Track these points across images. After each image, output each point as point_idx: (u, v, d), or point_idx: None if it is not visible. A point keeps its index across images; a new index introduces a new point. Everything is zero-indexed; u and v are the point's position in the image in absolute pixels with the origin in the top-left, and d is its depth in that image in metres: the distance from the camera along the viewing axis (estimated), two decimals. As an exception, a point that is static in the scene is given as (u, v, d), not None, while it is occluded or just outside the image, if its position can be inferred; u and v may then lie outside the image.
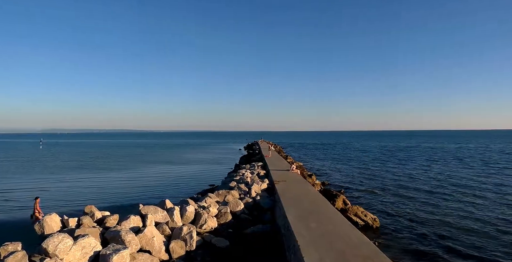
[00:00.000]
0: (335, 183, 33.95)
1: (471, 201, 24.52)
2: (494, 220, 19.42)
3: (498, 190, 28.53)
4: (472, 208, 22.44)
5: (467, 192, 27.99)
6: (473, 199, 25.02)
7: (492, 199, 25.07)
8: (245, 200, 18.10)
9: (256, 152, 62.64)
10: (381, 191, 29.15)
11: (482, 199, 25.17)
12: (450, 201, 24.60)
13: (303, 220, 12.52)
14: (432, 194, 27.41)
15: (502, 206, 22.84)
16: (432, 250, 14.80)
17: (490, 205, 23.09)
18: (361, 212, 18.53)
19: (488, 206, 22.95)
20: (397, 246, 15.33)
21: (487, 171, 41.95)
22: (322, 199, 16.90)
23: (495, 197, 25.82)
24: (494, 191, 28.10)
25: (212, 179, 36.27)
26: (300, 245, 9.78)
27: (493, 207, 22.66)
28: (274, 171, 27.41)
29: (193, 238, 12.31)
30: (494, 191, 28.10)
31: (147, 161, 60.98)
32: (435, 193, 27.58)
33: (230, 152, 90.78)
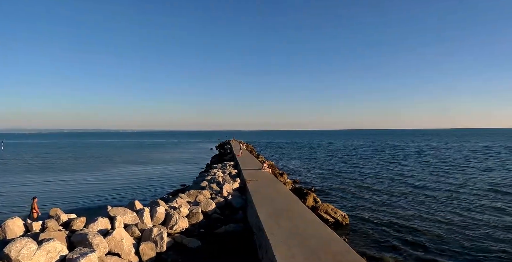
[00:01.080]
0: (306, 181, 34.40)
1: (432, 196, 25.66)
2: (452, 214, 20.38)
3: (452, 186, 29.96)
4: (433, 203, 23.43)
5: (427, 188, 29.25)
6: (433, 195, 26.17)
7: (448, 194, 26.27)
8: (216, 199, 18.03)
9: (228, 151, 62.46)
10: (350, 188, 29.84)
11: (441, 194, 26.30)
12: (412, 197, 25.71)
13: (275, 218, 12.59)
14: (397, 190, 28.43)
15: (455, 200, 24.09)
16: (399, 244, 15.31)
17: (448, 200, 24.17)
18: (331, 209, 18.85)
19: (447, 201, 23.99)
20: (366, 242, 15.74)
21: (444, 168, 43.77)
22: (293, 197, 17.05)
23: (450, 192, 27.09)
24: (448, 188, 29.40)
25: (184, 179, 35.91)
26: (272, 243, 9.82)
27: (450, 202, 23.74)
28: (245, 170, 27.42)
29: (163, 239, 12.12)
30: (448, 188, 29.40)
31: (116, 162, 59.56)
32: (399, 190, 28.63)
33: (201, 151, 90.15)
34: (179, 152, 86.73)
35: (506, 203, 23.26)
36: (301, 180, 34.99)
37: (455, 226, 18.11)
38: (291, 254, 9.03)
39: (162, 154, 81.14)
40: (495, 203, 23.30)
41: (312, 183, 33.13)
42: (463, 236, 16.46)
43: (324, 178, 36.27)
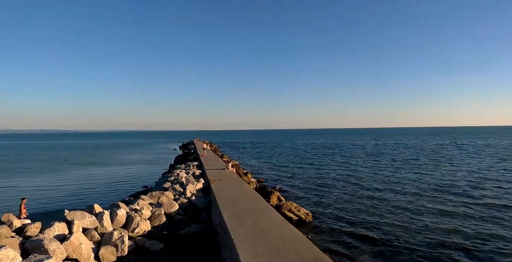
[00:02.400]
0: (270, 180, 34.69)
1: (390, 193, 26.70)
2: (412, 210, 21.28)
3: (406, 182, 31.44)
4: (391, 199, 24.34)
5: (385, 185, 30.35)
6: (391, 191, 27.25)
7: (404, 190, 27.39)
8: (180, 200, 17.80)
9: (192, 152, 61.81)
10: (313, 186, 30.46)
11: (401, 191, 27.43)
12: (371, 193, 26.53)
13: (239, 218, 12.60)
14: (357, 187, 29.30)
15: (414, 196, 25.18)
16: (361, 240, 15.82)
17: (409, 196, 25.25)
18: (295, 207, 19.14)
19: (407, 197, 25.05)
20: (329, 238, 16.13)
21: (397, 165, 45.76)
22: (257, 196, 17.12)
23: (407, 188, 28.31)
24: (404, 184, 30.79)
25: (146, 181, 35.17)
26: (236, 243, 9.82)
27: (408, 198, 24.83)
28: (209, 170, 27.25)
29: (124, 243, 11.80)
30: (404, 184, 30.79)
31: (75, 163, 57.30)
32: (360, 187, 29.54)
33: (165, 152, 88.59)
34: (142, 153, 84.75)
35: (455, 199, 24.57)
36: (265, 179, 35.25)
37: (412, 220, 18.97)
38: (255, 253, 9.08)
39: (124, 155, 78.95)
40: (448, 200, 24.58)
41: (276, 181, 33.47)
42: (420, 230, 17.28)
43: (288, 177, 36.74)
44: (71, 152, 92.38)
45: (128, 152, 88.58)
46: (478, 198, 24.10)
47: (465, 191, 26.40)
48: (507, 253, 14.05)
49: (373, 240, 15.80)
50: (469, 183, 29.85)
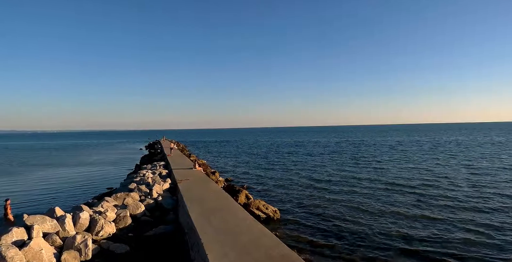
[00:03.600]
0: (238, 178, 34.67)
1: (356, 189, 27.44)
2: (375, 205, 21.95)
3: (369, 178, 32.51)
4: (356, 195, 25.01)
5: (351, 181, 31.19)
6: (357, 187, 28.02)
7: (367, 186, 28.21)
8: (146, 201, 17.45)
9: (158, 151, 60.81)
10: (280, 183, 30.78)
11: (363, 187, 28.22)
12: (337, 189, 27.14)
13: (207, 217, 12.53)
14: (323, 184, 29.92)
15: (377, 190, 26.04)
16: (328, 236, 16.11)
17: (371, 192, 26.07)
18: (263, 205, 19.24)
19: (370, 192, 25.83)
20: (296, 235, 16.31)
21: (361, 161, 47.28)
22: (225, 195, 17.10)
23: (369, 184, 29.20)
24: (366, 179, 31.80)
25: (110, 182, 34.19)
26: (204, 243, 9.77)
27: (371, 193, 25.65)
28: (177, 169, 26.91)
29: (88, 246, 11.45)
30: (366, 179, 31.80)
31: (34, 165, 54.68)
32: (325, 183, 30.17)
33: (130, 152, 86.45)
34: (106, 153, 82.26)
35: (415, 195, 25.62)
36: (233, 177, 35.21)
37: (376, 215, 19.59)
38: (223, 252, 9.06)
39: (87, 155, 76.31)
40: (411, 192, 25.59)
41: (245, 180, 33.51)
42: (385, 224, 17.86)
43: (256, 175, 36.89)
44: (31, 153, 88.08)
45: (90, 153, 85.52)
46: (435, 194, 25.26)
47: (420, 187, 27.61)
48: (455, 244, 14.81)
49: (339, 235, 16.15)
50: (425, 180, 31.24)
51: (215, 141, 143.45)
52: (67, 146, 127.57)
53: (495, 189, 25.36)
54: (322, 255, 13.82)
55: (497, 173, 33.08)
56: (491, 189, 25.62)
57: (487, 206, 20.81)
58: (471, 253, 13.67)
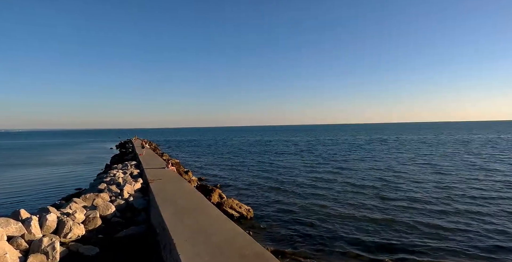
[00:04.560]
0: (211, 178, 34.56)
1: (327, 186, 28.02)
2: (345, 205, 22.42)
3: (341, 175, 33.28)
4: (325, 195, 25.44)
5: (323, 179, 31.76)
6: (327, 185, 28.60)
7: (338, 186, 28.72)
8: (116, 202, 17.09)
9: (130, 150, 59.68)
10: (254, 182, 30.96)
11: (331, 187, 28.76)
12: (310, 187, 27.57)
13: (179, 217, 12.41)
14: (297, 182, 30.30)
15: (348, 188, 26.63)
16: (301, 234, 16.30)
17: (343, 189, 26.67)
18: (236, 204, 19.27)
19: (338, 193, 26.38)
20: (270, 233, 16.44)
21: (331, 160, 48.39)
22: (198, 195, 16.98)
23: (341, 183, 29.81)
24: (338, 177, 32.47)
25: (79, 182, 33.24)
26: (176, 243, 9.66)
27: (342, 190, 26.27)
28: (148, 169, 26.49)
29: (55, 249, 11.08)
30: (338, 177, 32.47)
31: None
32: (299, 181, 30.55)
33: (100, 151, 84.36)
34: (75, 153, 79.85)
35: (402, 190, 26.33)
36: (206, 177, 35.05)
37: (349, 212, 20.01)
38: (196, 252, 8.99)
39: (55, 155, 73.85)
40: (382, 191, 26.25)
41: (218, 179, 33.43)
42: (357, 221, 18.30)
43: (230, 174, 36.89)
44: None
45: (58, 152, 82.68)
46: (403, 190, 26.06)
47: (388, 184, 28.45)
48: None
49: (310, 233, 16.37)
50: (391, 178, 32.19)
51: (189, 139, 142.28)
52: (34, 145, 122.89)
53: (456, 189, 26.44)
54: (295, 253, 13.98)
55: (460, 173, 34.49)
56: (454, 188, 26.72)
57: (449, 204, 21.71)
58: (436, 253, 14.17)
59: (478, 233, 15.89)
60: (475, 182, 28.18)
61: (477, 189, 25.19)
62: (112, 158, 54.79)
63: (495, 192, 24.07)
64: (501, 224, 16.99)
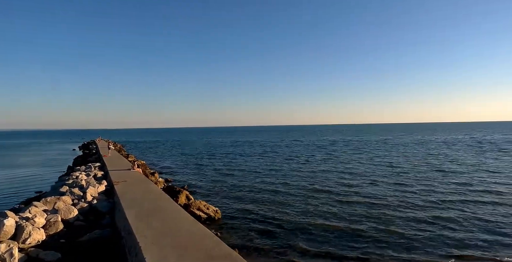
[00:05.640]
0: (179, 179, 34.23)
1: (293, 185, 28.55)
2: (312, 201, 22.91)
3: (306, 175, 34.02)
4: (296, 192, 25.93)
5: (289, 179, 32.45)
6: (295, 184, 29.14)
7: (301, 186, 29.13)
8: (79, 205, 16.56)
9: (93, 152, 57.92)
10: (222, 182, 31.04)
11: (302, 184, 29.39)
12: (277, 187, 27.99)
13: (145, 220, 12.22)
14: (264, 182, 30.75)
15: (312, 187, 27.15)
16: (268, 234, 16.48)
17: (308, 188, 27.18)
18: (204, 206, 19.18)
19: (307, 189, 26.90)
20: (238, 234, 16.50)
21: (295, 160, 49.43)
22: (165, 196, 16.77)
23: (304, 184, 30.42)
24: (303, 176, 33.16)
25: (39, 185, 31.92)
26: (142, 246, 9.51)
27: (308, 189, 26.87)
28: (113, 171, 25.85)
29: (14, 256, 10.62)
30: (303, 176, 33.16)
31: None
32: (266, 181, 31.05)
33: (62, 152, 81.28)
34: (35, 154, 76.51)
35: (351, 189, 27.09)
36: (174, 178, 34.66)
37: (315, 211, 20.42)
38: (162, 255, 8.89)
39: (12, 156, 70.44)
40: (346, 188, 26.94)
41: (185, 180, 33.15)
42: (323, 219, 18.69)
43: (197, 175, 36.67)
44: None
45: (17, 154, 78.93)
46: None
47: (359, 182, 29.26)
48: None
49: (279, 232, 16.63)
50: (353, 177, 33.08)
51: (157, 140, 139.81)
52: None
53: (414, 187, 27.61)
54: (262, 253, 14.11)
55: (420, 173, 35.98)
56: (415, 187, 27.85)
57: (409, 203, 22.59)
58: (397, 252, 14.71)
59: (438, 228, 16.71)
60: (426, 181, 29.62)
61: (428, 186, 26.53)
62: (75, 160, 52.98)
63: (445, 190, 25.40)
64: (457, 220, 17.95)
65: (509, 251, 13.76)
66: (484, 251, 13.87)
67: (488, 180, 29.26)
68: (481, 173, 32.99)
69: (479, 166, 37.84)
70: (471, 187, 26.28)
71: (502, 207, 20.42)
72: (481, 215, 18.76)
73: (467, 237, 15.37)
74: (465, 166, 38.13)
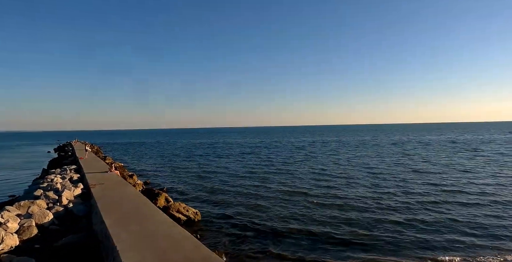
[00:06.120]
0: (158, 181, 33.84)
1: (271, 185, 28.83)
2: (290, 201, 23.13)
3: (283, 175, 34.44)
4: (273, 192, 26.23)
5: (268, 179, 32.75)
6: (274, 185, 29.40)
7: (279, 186, 29.52)
8: (54, 209, 16.16)
9: (69, 154, 56.61)
10: (201, 184, 30.88)
11: (284, 185, 29.62)
12: (256, 188, 28.18)
13: (123, 223, 12.04)
14: (242, 182, 31.02)
15: (289, 187, 27.35)
16: (248, 235, 16.49)
17: (287, 188, 27.38)
18: (183, 208, 19.04)
19: (286, 189, 27.09)
20: (217, 236, 16.45)
21: (272, 160, 49.85)
22: (143, 199, 16.58)
23: (281, 184, 30.87)
24: (281, 177, 33.50)
25: (12, 189, 30.93)
26: (119, 250, 9.36)
27: (286, 189, 27.13)
28: (90, 173, 25.34)
29: (-15, 262, 10.30)
30: (281, 177, 33.50)
31: None
32: (243, 182, 31.32)
33: (37, 155, 79.04)
34: (7, 157, 74.11)
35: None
36: (153, 180, 34.23)
37: (295, 211, 20.58)
38: (141, 258, 8.79)
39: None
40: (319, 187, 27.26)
41: (165, 182, 32.80)
42: (302, 219, 18.88)
43: (177, 177, 36.34)
44: None
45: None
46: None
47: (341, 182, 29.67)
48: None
49: (258, 234, 16.63)
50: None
51: (134, 142, 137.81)
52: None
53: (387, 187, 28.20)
54: (242, 254, 14.11)
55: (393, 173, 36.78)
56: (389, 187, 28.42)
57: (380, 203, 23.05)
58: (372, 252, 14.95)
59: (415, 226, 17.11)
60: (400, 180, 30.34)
61: (404, 187, 27.19)
62: (50, 162, 51.58)
63: (420, 190, 26.09)
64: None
65: (482, 251, 14.13)
66: (458, 252, 14.15)
67: (462, 179, 30.13)
68: (454, 173, 34.01)
69: (453, 166, 38.97)
70: (445, 187, 26.86)
71: (474, 207, 20.84)
72: (455, 216, 18.81)
73: (443, 239, 15.47)
74: (438, 166, 39.19)
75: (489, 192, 24.62)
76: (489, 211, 19.92)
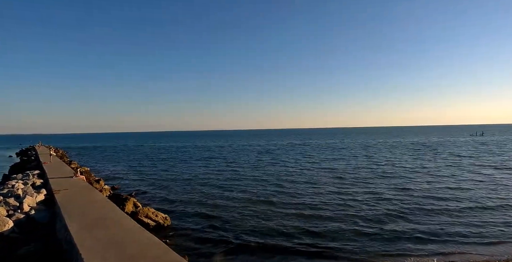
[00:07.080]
0: (126, 186, 33.04)
1: (245, 188, 28.89)
2: (261, 202, 23.17)
3: (251, 178, 34.67)
4: (242, 195, 26.26)
5: (240, 182, 32.79)
6: (245, 187, 29.48)
7: (249, 190, 29.43)
8: (15, 216, 15.45)
9: (32, 158, 54.38)
10: (171, 189, 30.39)
11: (250, 186, 29.73)
12: (227, 191, 28.20)
13: (89, 230, 11.66)
14: (210, 186, 31.01)
15: (259, 189, 27.57)
16: (218, 238, 16.40)
17: (255, 190, 27.50)
18: (152, 213, 18.68)
19: (255, 191, 27.19)
20: (187, 240, 16.28)
21: (242, 163, 49.97)
22: (110, 205, 16.15)
23: (252, 183, 31.20)
24: (249, 179, 33.62)
25: (-30, 196, 29.40)
26: (85, 258, 9.06)
27: (255, 191, 27.31)
28: (54, 179, 24.44)
29: None
30: (249, 179, 33.62)
31: None
32: (213, 186, 31.33)
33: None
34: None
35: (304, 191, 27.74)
36: (121, 185, 33.37)
37: (265, 213, 20.65)
38: (107, 266, 8.56)
39: None
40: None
41: (133, 187, 32.08)
42: (274, 221, 18.91)
43: (145, 181, 35.68)
44: None
45: None
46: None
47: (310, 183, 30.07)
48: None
49: (228, 237, 16.54)
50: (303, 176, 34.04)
51: (101, 146, 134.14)
52: None
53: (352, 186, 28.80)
54: (212, 259, 14.02)
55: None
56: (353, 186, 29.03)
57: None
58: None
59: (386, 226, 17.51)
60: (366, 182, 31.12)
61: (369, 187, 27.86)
62: (11, 167, 49.37)
63: (389, 195, 26.79)
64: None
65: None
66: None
67: (426, 182, 31.11)
68: (419, 175, 35.19)
69: (417, 168, 40.28)
70: (410, 191, 27.14)
71: (443, 212, 20.81)
72: (421, 219, 19.37)
73: (407, 247, 15.11)
74: (403, 169, 40.30)
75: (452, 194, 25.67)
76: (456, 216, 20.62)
